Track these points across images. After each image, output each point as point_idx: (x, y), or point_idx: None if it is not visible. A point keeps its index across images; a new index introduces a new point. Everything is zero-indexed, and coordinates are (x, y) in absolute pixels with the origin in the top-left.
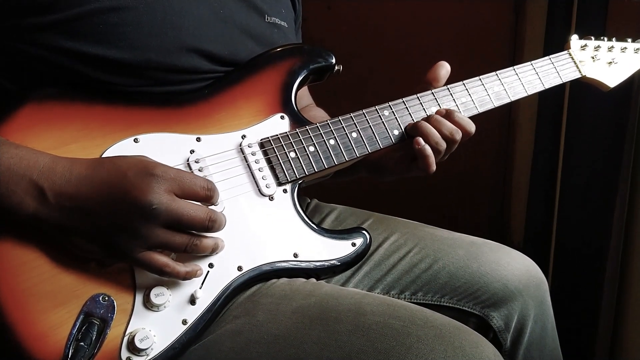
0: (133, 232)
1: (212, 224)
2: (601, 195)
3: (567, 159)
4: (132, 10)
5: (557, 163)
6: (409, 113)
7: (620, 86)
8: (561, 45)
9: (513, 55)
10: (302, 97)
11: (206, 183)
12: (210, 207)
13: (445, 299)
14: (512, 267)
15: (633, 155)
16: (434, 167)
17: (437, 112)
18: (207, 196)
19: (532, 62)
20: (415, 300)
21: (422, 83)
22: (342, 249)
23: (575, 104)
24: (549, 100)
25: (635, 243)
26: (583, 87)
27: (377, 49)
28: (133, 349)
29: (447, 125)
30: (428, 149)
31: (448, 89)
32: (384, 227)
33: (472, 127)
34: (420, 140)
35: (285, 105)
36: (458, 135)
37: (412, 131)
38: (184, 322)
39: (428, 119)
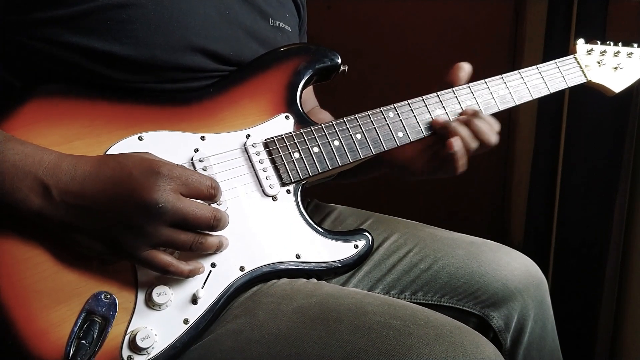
0: (138, 230)
1: (217, 223)
2: (601, 195)
3: (567, 159)
4: (140, 7)
5: (557, 163)
6: (414, 115)
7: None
8: (562, 46)
9: (513, 55)
10: (308, 99)
11: (210, 182)
12: (212, 205)
13: (445, 299)
14: (512, 267)
15: (633, 155)
16: (462, 169)
17: (464, 113)
18: (211, 194)
19: (538, 65)
20: (415, 300)
21: (441, 84)
22: (344, 250)
23: (576, 104)
24: (549, 100)
25: (635, 243)
26: (583, 88)
27: (377, 49)
28: (134, 347)
29: (481, 125)
30: (461, 152)
31: (453, 91)
32: (384, 227)
33: (498, 125)
34: (454, 144)
35: (290, 106)
36: (491, 134)
37: (443, 131)
38: (186, 321)
39: (458, 120)
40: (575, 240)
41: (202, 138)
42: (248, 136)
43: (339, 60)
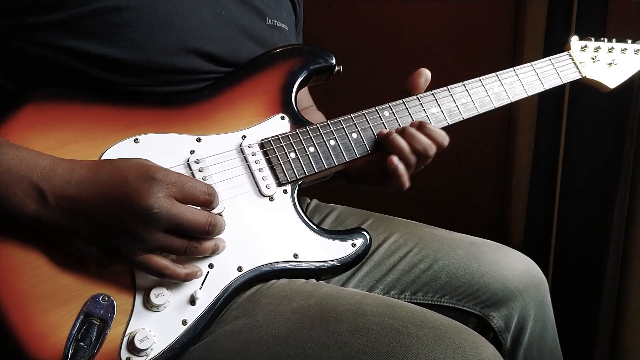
0: (133, 235)
1: (212, 229)
2: (601, 196)
3: (567, 159)
4: (134, 10)
5: (557, 163)
6: (409, 114)
7: (620, 86)
8: (561, 45)
9: (513, 55)
10: (302, 99)
11: (207, 188)
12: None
13: (445, 299)
14: (512, 267)
15: (633, 155)
16: (407, 184)
17: (411, 125)
18: (208, 201)
19: (532, 63)
20: (415, 301)
21: (400, 90)
22: (342, 249)
23: (575, 104)
24: (549, 100)
25: (635, 243)
26: (583, 87)
27: (377, 49)
28: (133, 349)
29: (421, 139)
30: (402, 168)
31: (448, 89)
32: (384, 227)
33: (445, 139)
34: (394, 159)
35: (286, 106)
36: (431, 150)
37: (385, 143)
38: (184, 322)
39: (402, 132)
40: (575, 240)
41: (198, 140)
42: (244, 137)
43: (334, 61)
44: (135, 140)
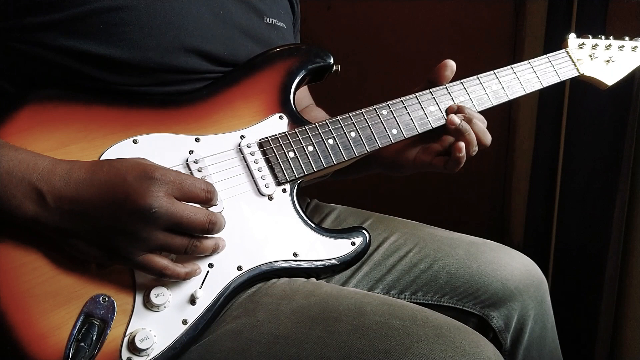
0: (133, 235)
1: (212, 227)
2: (601, 196)
3: (567, 159)
4: (132, 10)
5: (557, 163)
6: (408, 112)
7: (620, 86)
8: (561, 45)
9: (513, 55)
10: (303, 97)
11: (206, 185)
12: (209, 207)
13: (445, 299)
14: (512, 267)
15: (633, 155)
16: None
17: (465, 115)
18: (207, 198)
19: (530, 60)
20: (415, 300)
21: (425, 82)
22: (341, 248)
23: (575, 103)
24: (549, 100)
25: (635, 243)
26: (583, 87)
27: (376, 49)
28: (133, 349)
29: (486, 134)
30: (465, 156)
31: (446, 87)
32: (384, 227)
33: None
34: (463, 147)
35: (284, 106)
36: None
37: (456, 135)
38: (184, 322)
39: (470, 123)
40: (575, 240)
41: (197, 140)
42: (242, 137)
43: (332, 60)
44: (134, 141)
